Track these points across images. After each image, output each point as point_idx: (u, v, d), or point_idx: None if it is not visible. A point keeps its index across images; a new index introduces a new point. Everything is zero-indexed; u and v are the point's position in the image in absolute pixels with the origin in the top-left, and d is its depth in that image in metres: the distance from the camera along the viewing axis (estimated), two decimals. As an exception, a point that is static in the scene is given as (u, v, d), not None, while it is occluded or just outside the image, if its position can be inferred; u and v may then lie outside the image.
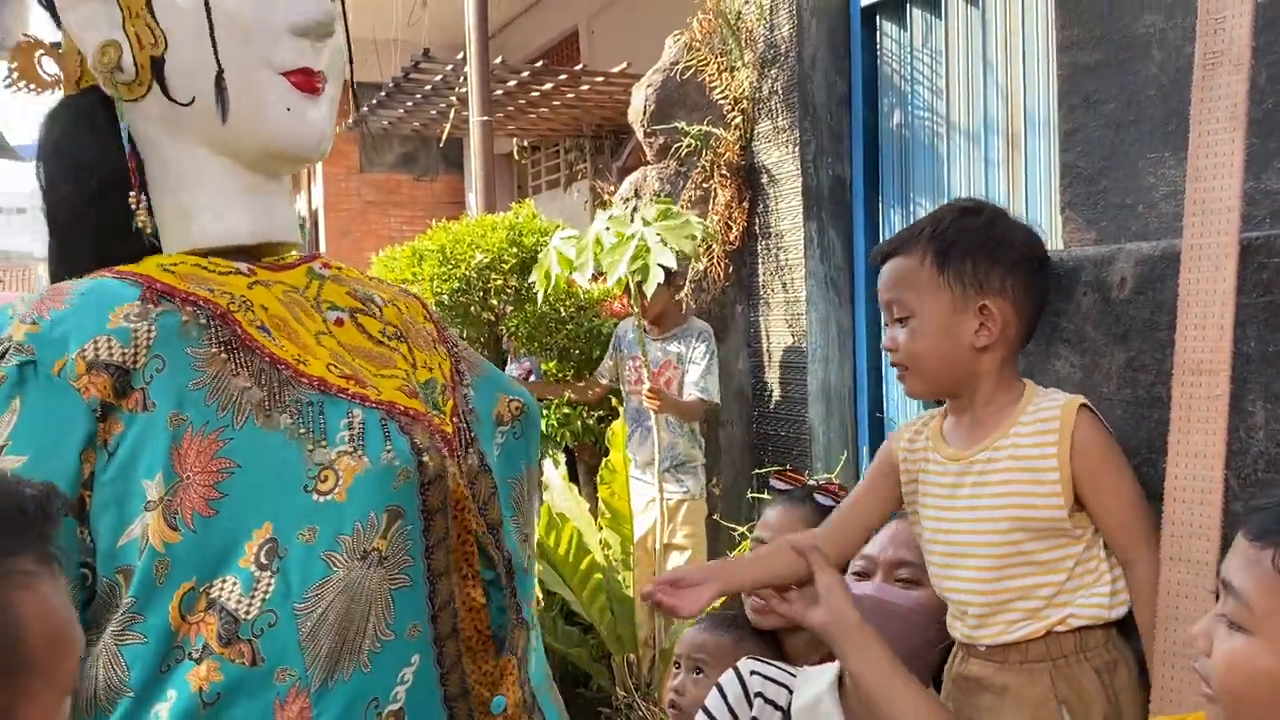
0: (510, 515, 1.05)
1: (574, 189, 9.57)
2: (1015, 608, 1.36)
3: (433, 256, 4.12)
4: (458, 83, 7.25)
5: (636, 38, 8.22)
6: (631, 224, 3.46)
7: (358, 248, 12.55)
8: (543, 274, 3.61)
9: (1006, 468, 1.36)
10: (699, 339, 3.85)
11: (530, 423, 1.12)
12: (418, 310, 1.17)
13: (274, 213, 1.04)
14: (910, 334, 1.40)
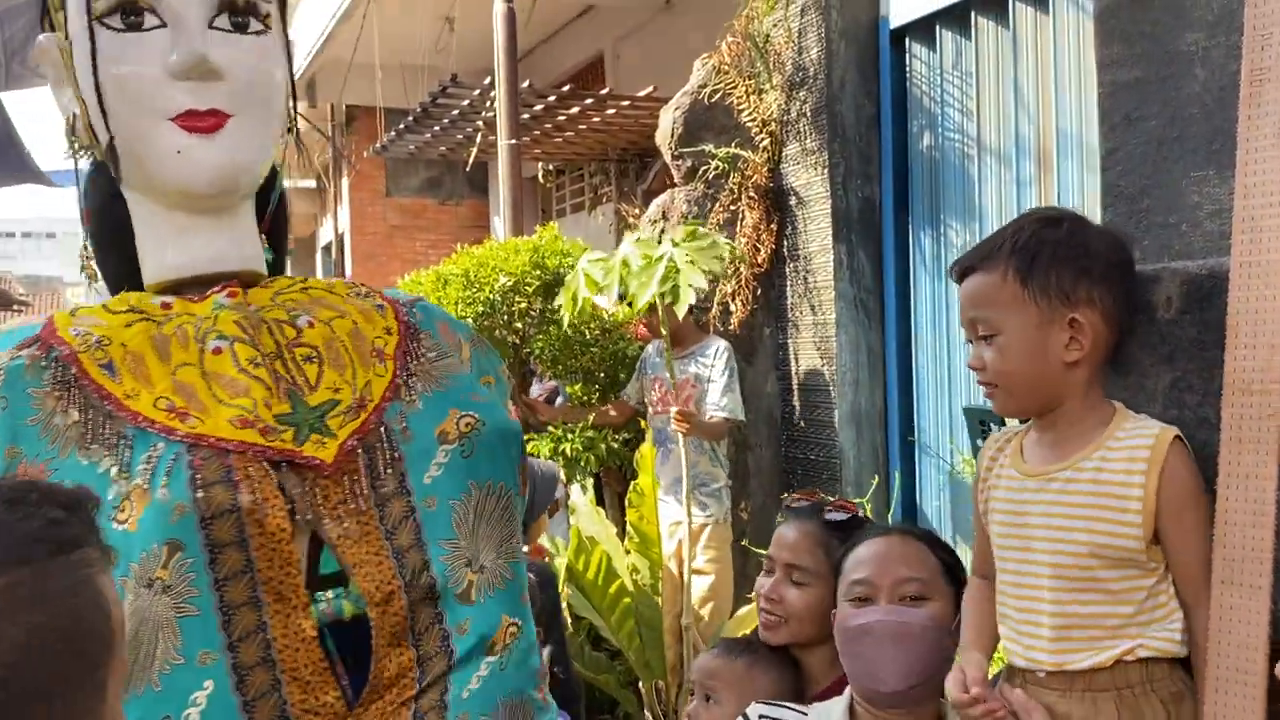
0: (448, 538, 1.05)
1: (599, 212, 9.59)
2: (1082, 635, 1.32)
3: (457, 280, 4.13)
4: (484, 107, 7.29)
5: (661, 62, 8.26)
6: (659, 245, 3.45)
7: (383, 271, 12.64)
8: (569, 296, 3.61)
9: (1087, 491, 1.32)
10: (716, 356, 3.82)
11: (486, 441, 1.10)
12: (376, 325, 1.16)
13: (212, 246, 1.12)
14: (997, 352, 1.35)
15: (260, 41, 1.10)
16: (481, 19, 8.50)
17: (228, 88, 1.07)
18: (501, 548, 1.10)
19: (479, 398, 1.14)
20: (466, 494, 1.08)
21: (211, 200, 1.10)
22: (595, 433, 4.18)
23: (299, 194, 16.50)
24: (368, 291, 1.23)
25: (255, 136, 1.10)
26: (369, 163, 11.95)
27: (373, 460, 1.05)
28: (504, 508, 1.11)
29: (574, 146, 8.63)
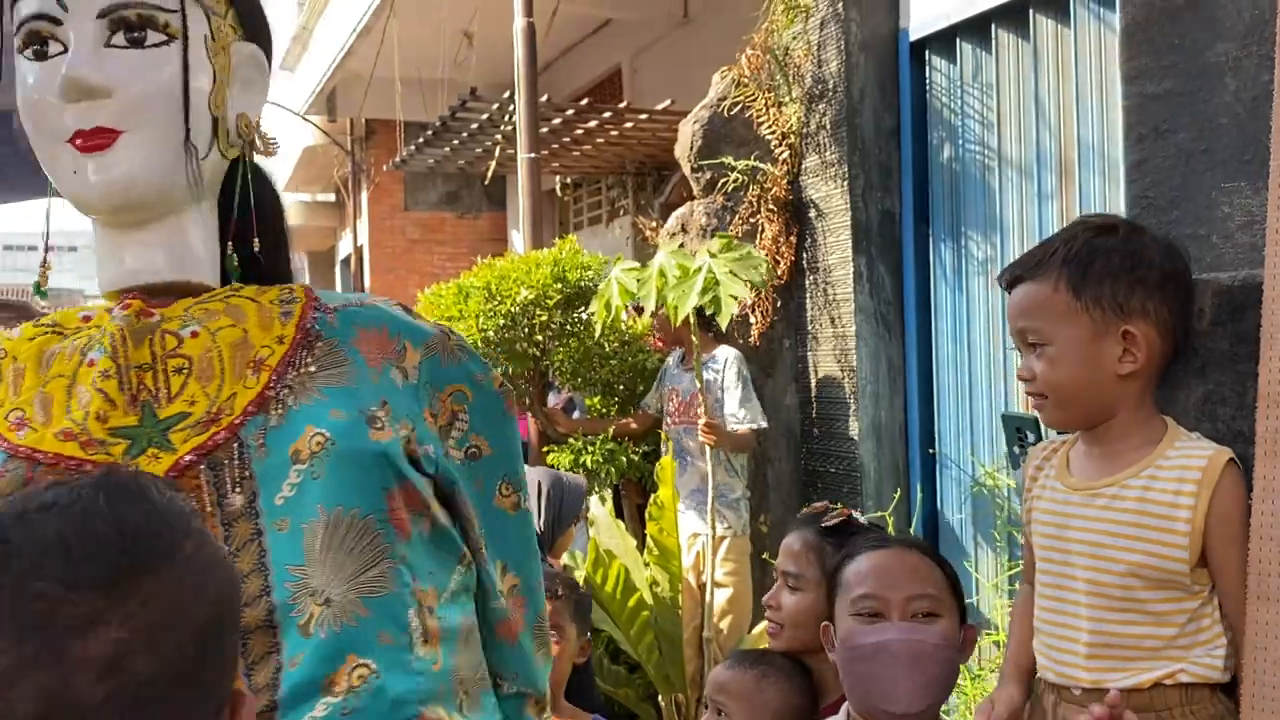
0: (296, 564, 1.00)
1: (616, 225, 9.61)
2: (1121, 654, 1.30)
3: (478, 293, 4.14)
4: (503, 121, 7.32)
5: (679, 76, 8.28)
6: (696, 257, 3.46)
7: (402, 284, 12.70)
8: (602, 304, 3.61)
9: (1134, 509, 1.29)
10: (726, 366, 3.81)
11: (335, 463, 1.02)
12: (270, 334, 1.11)
13: (140, 259, 1.12)
14: (1048, 363, 1.33)
15: (155, 54, 1.09)
16: (500, 34, 8.55)
17: (116, 105, 1.06)
18: (356, 580, 1.02)
19: (340, 414, 1.05)
20: (315, 519, 1.01)
21: (116, 216, 1.10)
22: (615, 445, 4.18)
23: (318, 207, 16.61)
24: (294, 297, 1.15)
25: (147, 149, 1.08)
26: (388, 176, 12.01)
27: (219, 477, 1.01)
28: (360, 537, 1.02)
29: (592, 160, 8.65)
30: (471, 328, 4.07)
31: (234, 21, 1.17)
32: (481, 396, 1.17)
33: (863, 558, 1.54)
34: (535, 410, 4.58)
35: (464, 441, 1.15)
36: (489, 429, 1.17)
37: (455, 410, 1.15)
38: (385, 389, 1.09)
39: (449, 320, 4.17)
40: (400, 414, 1.08)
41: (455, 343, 1.17)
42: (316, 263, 18.90)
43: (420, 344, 1.13)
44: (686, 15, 8.31)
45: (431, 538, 1.10)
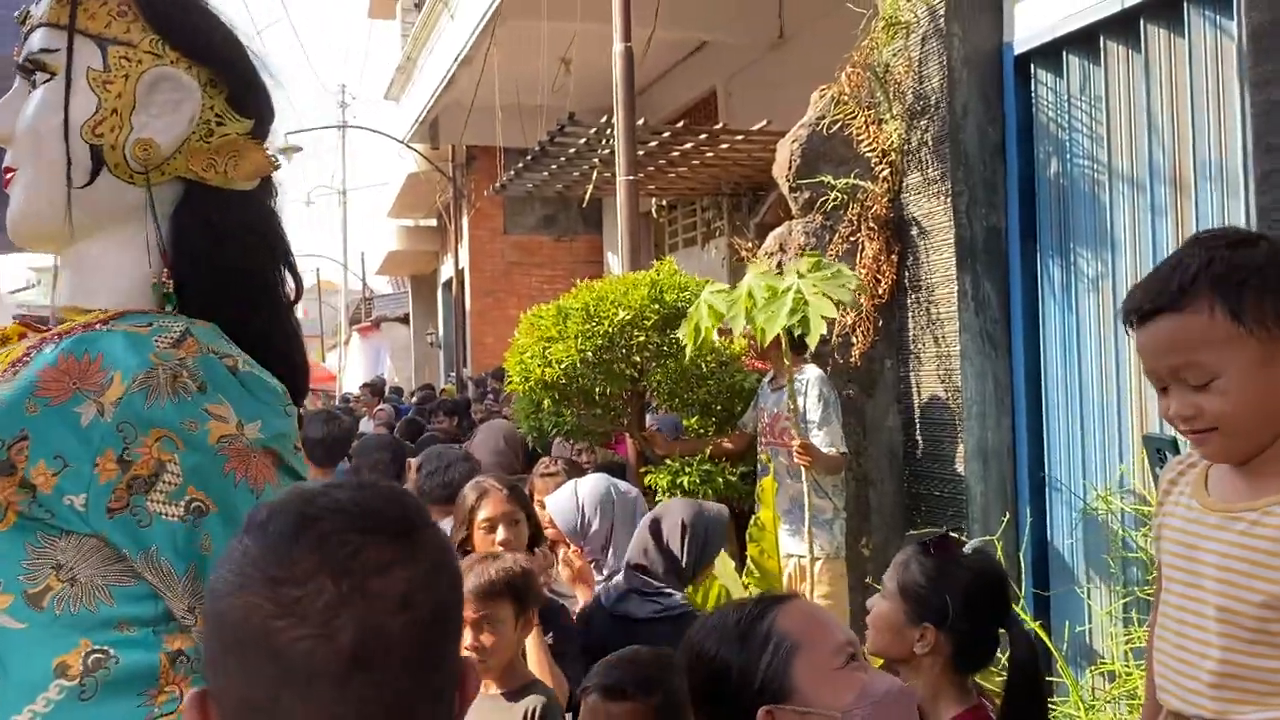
0: None
1: (711, 246, 9.62)
2: (1247, 686, 1.23)
3: (577, 314, 4.18)
4: (600, 145, 7.40)
5: (773, 96, 8.27)
6: (784, 277, 3.44)
7: (501, 306, 12.92)
8: (691, 328, 3.62)
9: (1274, 537, 1.22)
10: (809, 387, 3.77)
11: None
12: (11, 356, 1.10)
13: (59, 284, 1.19)
14: (1220, 396, 1.22)
15: (38, 93, 1.15)
16: (596, 60, 8.66)
17: (15, 146, 1.15)
18: None
19: None
20: None
21: (27, 244, 1.19)
22: (713, 465, 4.17)
23: (420, 232, 17.02)
24: (84, 322, 1.10)
25: (30, 183, 1.14)
26: (488, 201, 12.24)
27: None
28: None
29: (687, 181, 8.69)
30: (571, 349, 4.11)
31: (155, 48, 1.15)
32: (193, 448, 1.03)
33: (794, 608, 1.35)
34: (633, 431, 4.59)
35: (179, 495, 1.02)
36: (209, 487, 1.03)
37: (163, 459, 1.01)
38: (38, 423, 0.99)
39: (547, 341, 4.22)
40: (39, 454, 0.99)
41: (181, 380, 1.03)
42: (419, 286, 19.33)
43: (129, 377, 1.02)
44: (782, 36, 8.31)
45: None
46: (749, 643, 1.26)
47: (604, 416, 4.57)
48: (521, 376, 4.37)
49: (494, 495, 3.16)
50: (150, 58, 1.15)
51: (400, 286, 24.30)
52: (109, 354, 1.03)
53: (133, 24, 1.15)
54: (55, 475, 0.99)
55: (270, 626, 0.67)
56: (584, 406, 4.48)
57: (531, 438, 4.95)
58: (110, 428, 1.00)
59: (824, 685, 1.23)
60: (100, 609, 1.01)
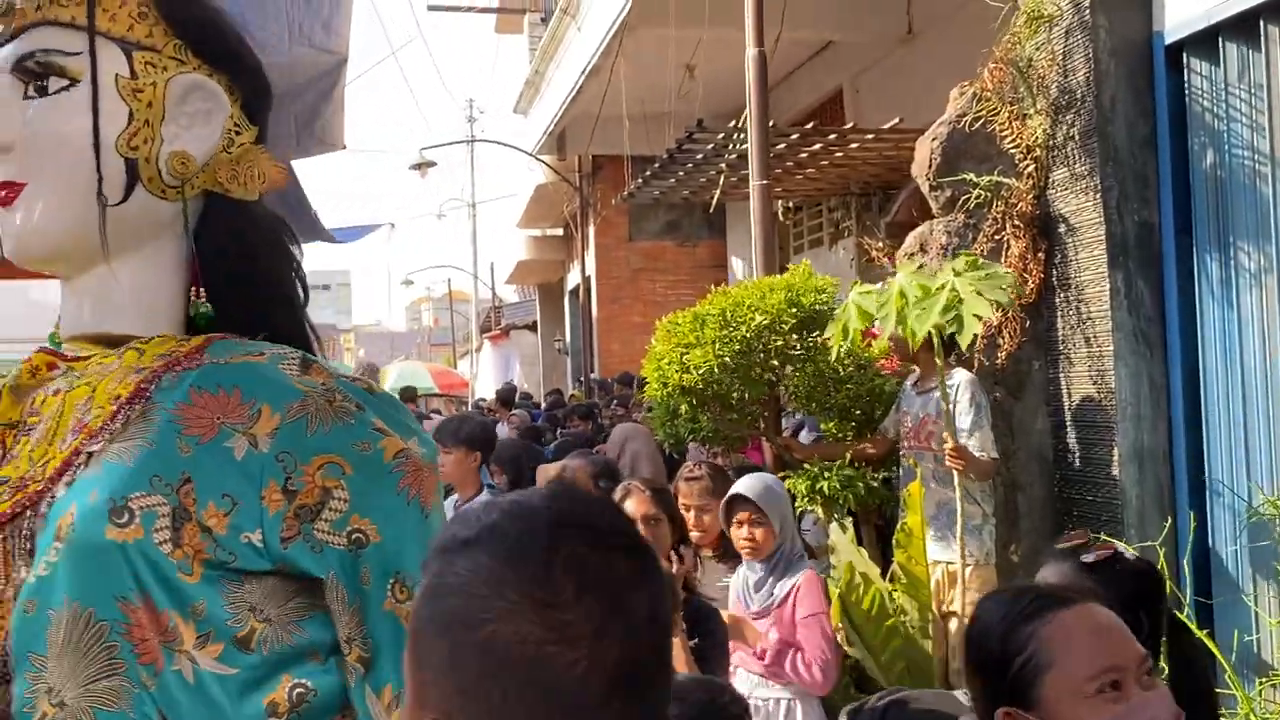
0: (39, 653, 0.92)
1: (839, 246, 9.52)
2: None
3: (714, 320, 4.21)
4: (726, 150, 7.42)
5: (903, 93, 8.14)
6: (938, 276, 3.39)
7: (626, 312, 13.05)
8: (839, 329, 3.59)
9: None
10: (960, 391, 3.69)
11: (75, 551, 0.92)
12: (110, 393, 1.02)
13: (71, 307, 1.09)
14: None
15: (56, 100, 1.04)
16: (721, 65, 8.68)
17: (19, 157, 1.03)
18: (88, 688, 0.91)
19: (95, 496, 0.94)
20: (59, 608, 0.92)
21: (44, 269, 1.08)
22: (853, 470, 4.14)
23: (548, 242, 17.32)
24: (174, 350, 1.06)
25: (50, 200, 1.03)
26: (613, 209, 12.40)
27: (10, 548, 0.96)
28: (95, 642, 0.92)
29: (815, 182, 8.63)
30: (708, 354, 4.14)
31: (178, 53, 1.09)
32: (365, 470, 0.99)
33: (1068, 615, 1.29)
34: (770, 436, 4.59)
35: (342, 524, 0.98)
36: (377, 511, 0.99)
37: (328, 485, 0.98)
38: (197, 463, 0.96)
39: (685, 347, 4.26)
40: (207, 495, 0.95)
41: (339, 404, 1.01)
42: (546, 295, 19.68)
43: (281, 406, 0.99)
44: (911, 32, 8.18)
45: (203, 686, 0.95)
46: (1010, 641, 1.25)
47: (740, 421, 4.58)
48: (659, 383, 4.41)
49: (637, 495, 3.22)
50: (175, 64, 1.08)
51: (527, 295, 24.76)
52: (247, 387, 1.00)
53: (154, 27, 1.08)
54: (227, 515, 0.95)
55: (543, 653, 0.65)
56: (720, 411, 4.51)
57: (668, 443, 5.00)
58: (269, 459, 0.97)
59: (1069, 707, 1.20)
60: (296, 641, 0.99)
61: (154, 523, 0.93)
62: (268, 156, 1.15)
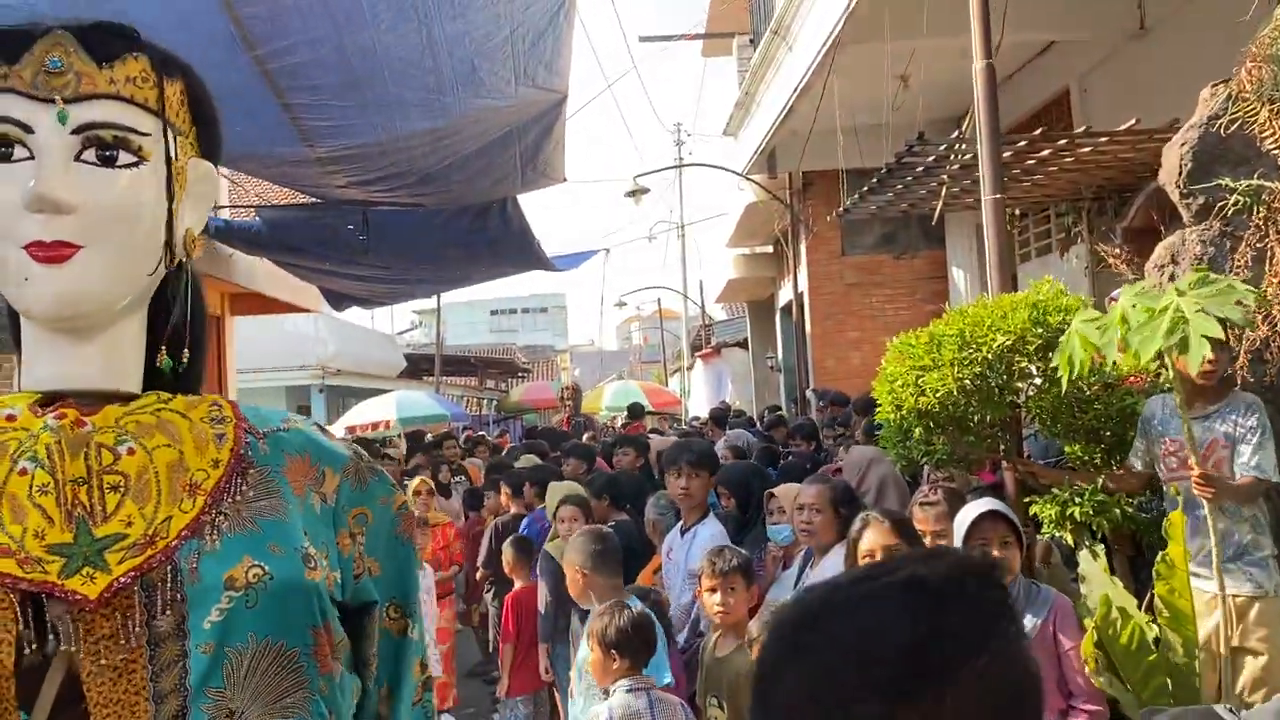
0: (216, 687, 1.03)
1: (1071, 254, 9.07)
2: None
3: (951, 341, 4.09)
4: (948, 161, 7.23)
5: (1136, 92, 7.70)
6: (1162, 297, 3.20)
7: (841, 328, 12.88)
8: (1064, 359, 3.45)
9: None
10: (1247, 413, 3.45)
11: (272, 595, 1.06)
12: (205, 457, 1.13)
13: (73, 364, 1.12)
14: None
15: (125, 174, 1.10)
16: (937, 72, 8.48)
17: (79, 220, 1.07)
18: (275, 705, 1.06)
19: (278, 549, 1.09)
20: (244, 645, 1.05)
21: (62, 323, 1.11)
22: (1106, 496, 3.93)
23: (757, 259, 17.34)
24: (224, 416, 1.18)
25: (107, 266, 1.09)
26: (826, 224, 12.27)
27: (152, 599, 1.03)
28: (283, 666, 1.06)
29: (1043, 188, 8.28)
30: (946, 376, 4.04)
31: (194, 139, 1.21)
32: (380, 519, 1.24)
33: None
34: (1013, 459, 4.43)
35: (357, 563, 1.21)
36: (381, 551, 1.23)
37: (354, 532, 1.20)
38: (308, 518, 1.15)
39: (920, 370, 4.17)
40: (319, 543, 1.15)
41: (366, 464, 1.24)
42: (756, 312, 19.68)
43: (339, 469, 1.21)
44: (1143, 28, 7.74)
45: (346, 679, 1.16)
46: None
47: (978, 444, 4.44)
48: (893, 405, 4.34)
49: (876, 526, 3.19)
50: (192, 149, 1.21)
51: (736, 312, 24.83)
52: (314, 452, 1.20)
53: (183, 112, 1.18)
54: (326, 557, 1.16)
55: None
56: (957, 434, 4.38)
57: (900, 466, 4.91)
58: (335, 511, 1.19)
59: None
60: None
61: (321, 559, 1.13)
62: None
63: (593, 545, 3.83)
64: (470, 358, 32.42)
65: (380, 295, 15.27)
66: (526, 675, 5.38)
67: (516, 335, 53.83)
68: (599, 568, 3.79)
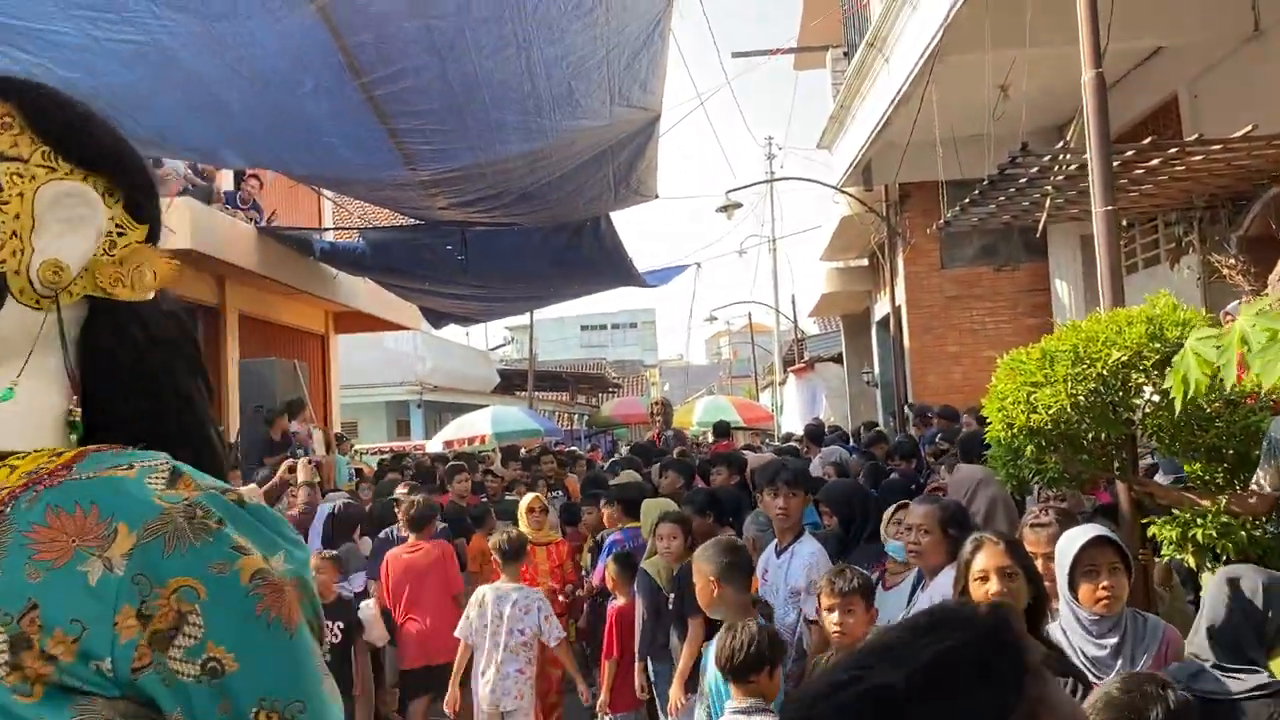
0: None
1: (1183, 264, 8.79)
2: None
3: (1064, 357, 3.99)
4: (1053, 172, 7.07)
5: (1251, 96, 7.44)
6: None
7: (939, 342, 12.68)
8: (1178, 379, 3.33)
9: None
10: None
11: None
12: None
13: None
14: None
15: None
16: (1039, 80, 8.31)
17: None
18: None
19: None
20: None
21: None
22: (1232, 518, 3.79)
23: (852, 273, 17.17)
24: (34, 469, 1.00)
25: None
26: (924, 237, 12.11)
27: None
28: None
29: (1151, 198, 8.04)
30: (1059, 392, 3.94)
31: (47, 160, 1.07)
32: (220, 594, 0.93)
33: None
34: (1129, 478, 4.30)
35: (197, 652, 0.91)
36: (234, 638, 0.93)
37: (183, 610, 0.91)
38: (46, 589, 0.91)
39: (1032, 386, 4.08)
40: (54, 622, 0.90)
41: (198, 521, 0.94)
42: (851, 326, 19.49)
43: (138, 526, 0.93)
44: (1258, 29, 7.48)
45: None
46: None
47: (1092, 463, 4.32)
48: (1003, 424, 4.25)
49: (990, 548, 3.12)
50: (44, 171, 1.06)
51: (830, 326, 24.61)
52: (105, 504, 0.95)
53: (19, 136, 1.06)
54: (75, 640, 0.90)
55: None
56: (1070, 452, 4.27)
57: (1010, 486, 4.80)
58: (124, 582, 0.91)
59: None
60: None
61: (17, 644, 0.89)
62: (159, 253, 1.11)
63: (724, 557, 3.84)
64: (562, 373, 32.78)
65: (477, 312, 15.58)
66: (627, 692, 5.40)
67: (606, 350, 54.25)
68: (730, 579, 3.80)
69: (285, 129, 6.55)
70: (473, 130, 6.96)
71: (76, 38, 5.13)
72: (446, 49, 5.86)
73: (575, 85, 6.79)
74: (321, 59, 5.60)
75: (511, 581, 5.65)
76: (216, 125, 6.42)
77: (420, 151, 7.12)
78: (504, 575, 5.69)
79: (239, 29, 5.18)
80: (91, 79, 5.46)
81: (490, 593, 5.61)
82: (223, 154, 7.23)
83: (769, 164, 26.71)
